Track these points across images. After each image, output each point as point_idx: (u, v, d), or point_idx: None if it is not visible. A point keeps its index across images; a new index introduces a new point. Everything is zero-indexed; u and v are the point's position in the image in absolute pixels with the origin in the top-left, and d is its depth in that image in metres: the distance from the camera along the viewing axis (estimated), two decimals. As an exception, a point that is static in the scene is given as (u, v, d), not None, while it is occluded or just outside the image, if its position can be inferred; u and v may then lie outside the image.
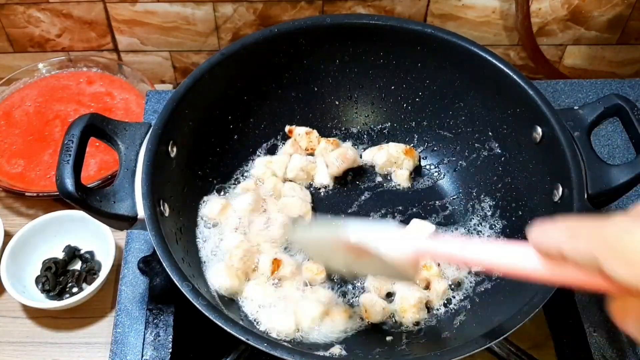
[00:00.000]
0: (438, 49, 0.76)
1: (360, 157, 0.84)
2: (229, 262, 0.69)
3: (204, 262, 0.72)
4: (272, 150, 0.84)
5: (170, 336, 0.71)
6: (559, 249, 0.37)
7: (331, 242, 0.56)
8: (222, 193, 0.78)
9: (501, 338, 0.56)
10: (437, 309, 0.71)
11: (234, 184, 0.80)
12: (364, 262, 0.54)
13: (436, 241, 0.50)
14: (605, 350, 0.71)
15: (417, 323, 0.70)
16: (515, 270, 0.43)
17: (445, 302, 0.71)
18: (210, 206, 0.75)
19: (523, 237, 0.71)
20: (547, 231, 0.39)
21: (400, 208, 0.80)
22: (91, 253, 0.89)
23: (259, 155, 0.83)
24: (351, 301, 0.71)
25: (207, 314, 0.55)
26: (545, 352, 0.74)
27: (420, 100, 0.82)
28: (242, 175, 0.81)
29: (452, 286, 0.72)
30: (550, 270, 0.40)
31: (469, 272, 0.73)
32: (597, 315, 0.73)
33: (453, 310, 0.70)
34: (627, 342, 0.71)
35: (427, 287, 0.72)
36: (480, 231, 0.77)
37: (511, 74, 0.71)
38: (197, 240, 0.73)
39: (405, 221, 0.78)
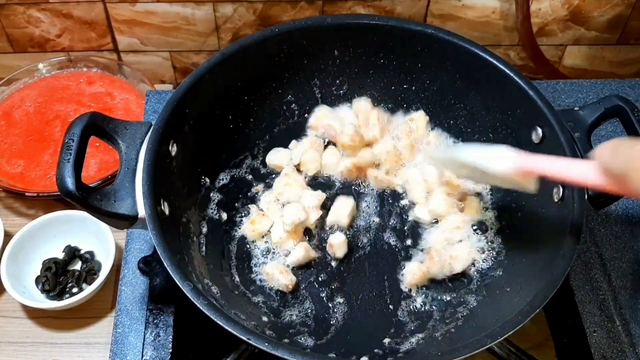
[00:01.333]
0: (438, 49, 0.76)
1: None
2: None
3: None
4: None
5: (170, 336, 0.71)
6: (604, 163, 0.49)
7: (456, 163, 0.67)
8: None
9: (501, 338, 0.56)
10: (437, 309, 0.71)
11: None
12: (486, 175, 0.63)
13: (529, 157, 0.58)
14: (605, 350, 0.71)
15: (417, 319, 0.69)
16: (587, 183, 0.55)
17: (445, 301, 0.71)
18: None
19: (523, 238, 0.71)
20: (601, 149, 0.49)
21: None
22: (91, 253, 0.89)
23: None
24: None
25: (207, 313, 0.55)
26: (545, 352, 0.74)
27: (420, 101, 0.82)
28: (241, 174, 0.81)
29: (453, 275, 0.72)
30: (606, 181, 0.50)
31: (470, 271, 0.73)
32: (597, 315, 0.73)
33: (453, 310, 0.70)
34: (627, 342, 0.72)
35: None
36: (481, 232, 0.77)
37: (511, 74, 0.71)
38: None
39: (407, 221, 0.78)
